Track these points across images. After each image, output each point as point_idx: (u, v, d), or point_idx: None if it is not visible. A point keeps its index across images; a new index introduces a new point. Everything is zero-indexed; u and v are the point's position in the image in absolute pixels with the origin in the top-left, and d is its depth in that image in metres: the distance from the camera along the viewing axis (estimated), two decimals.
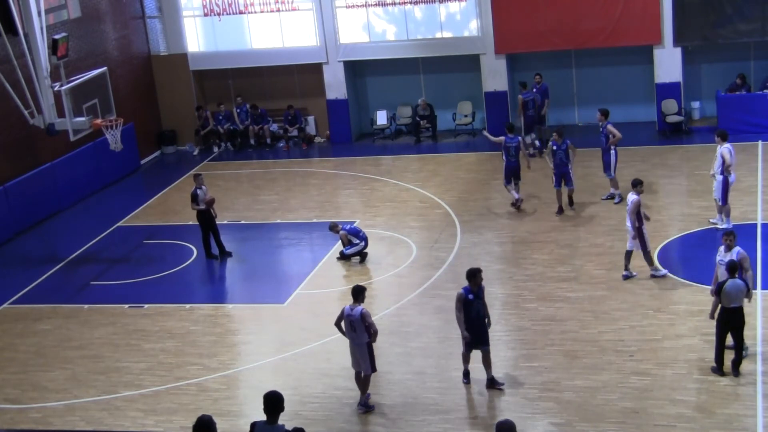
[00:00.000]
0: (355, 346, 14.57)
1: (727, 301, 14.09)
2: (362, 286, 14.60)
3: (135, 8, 29.55)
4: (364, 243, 20.28)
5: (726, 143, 19.90)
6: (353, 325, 14.38)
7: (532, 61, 28.64)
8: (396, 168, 26.58)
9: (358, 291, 14.49)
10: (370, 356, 14.55)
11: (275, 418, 9.60)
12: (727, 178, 19.75)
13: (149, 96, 30.17)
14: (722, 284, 14.12)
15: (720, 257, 15.12)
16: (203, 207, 20.89)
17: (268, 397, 9.62)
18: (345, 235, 20.27)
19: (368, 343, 14.50)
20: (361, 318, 14.29)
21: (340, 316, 14.52)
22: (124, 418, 15.13)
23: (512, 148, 22.18)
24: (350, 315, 14.38)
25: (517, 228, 21.34)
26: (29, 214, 24.39)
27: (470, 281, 14.60)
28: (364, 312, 14.33)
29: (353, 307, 14.39)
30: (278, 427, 9.58)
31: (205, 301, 19.54)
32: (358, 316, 14.29)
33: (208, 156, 29.51)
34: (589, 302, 17.34)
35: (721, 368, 14.44)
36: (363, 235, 20.39)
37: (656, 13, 26.51)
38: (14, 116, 22.79)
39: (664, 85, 27.05)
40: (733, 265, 14.26)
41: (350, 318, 14.38)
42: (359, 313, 14.30)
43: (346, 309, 14.46)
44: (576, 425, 13.72)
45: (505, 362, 15.78)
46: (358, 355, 14.57)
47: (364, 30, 28.71)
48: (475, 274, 14.59)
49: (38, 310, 19.58)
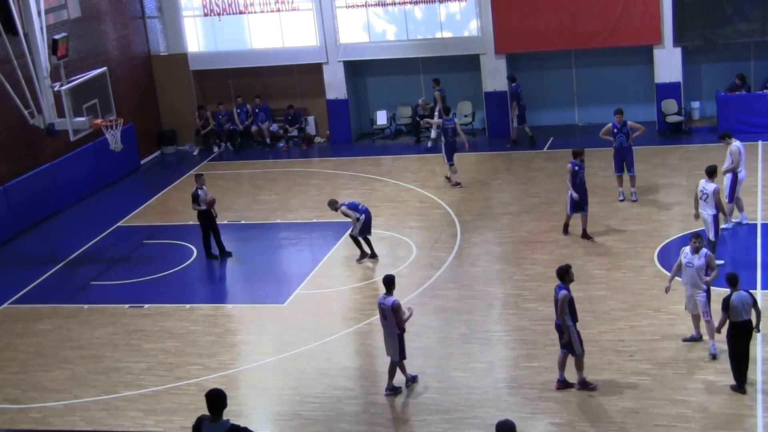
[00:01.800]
0: (387, 334, 14.92)
1: (735, 315, 13.77)
2: (392, 276, 14.91)
3: (135, 8, 29.55)
4: (364, 215, 20.16)
5: (735, 141, 19.84)
6: (385, 313, 14.75)
7: (532, 61, 28.65)
8: (396, 168, 26.58)
9: (389, 281, 14.80)
10: (400, 345, 14.84)
11: (219, 416, 9.79)
12: (737, 175, 19.69)
13: (149, 96, 30.18)
14: (728, 299, 13.75)
15: (687, 259, 15.09)
16: (204, 207, 20.89)
17: (210, 395, 9.81)
18: (345, 210, 20.16)
19: (399, 334, 14.76)
20: (392, 309, 14.59)
21: None
22: (124, 418, 15.13)
23: (449, 129, 24.25)
24: (383, 304, 14.75)
25: (517, 228, 21.34)
26: (29, 214, 24.40)
27: (563, 278, 14.44)
28: (395, 304, 14.64)
29: (386, 296, 14.75)
30: (223, 423, 9.75)
31: (205, 301, 19.54)
32: (389, 306, 14.64)
33: (208, 156, 29.51)
34: (589, 302, 17.33)
35: (743, 385, 14.02)
36: (363, 208, 20.24)
37: (656, 13, 26.52)
38: (14, 116, 22.80)
39: (664, 85, 27.06)
40: (733, 277, 13.98)
41: (382, 307, 14.75)
42: (391, 303, 14.64)
43: (379, 298, 14.88)
44: (576, 425, 13.73)
45: (505, 362, 15.79)
46: (388, 342, 14.94)
47: (364, 30, 28.71)
48: (567, 270, 14.44)
49: (38, 310, 19.58)
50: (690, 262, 15.07)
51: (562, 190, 23.18)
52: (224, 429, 9.69)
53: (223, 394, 9.82)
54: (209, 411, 9.78)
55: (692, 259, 15.05)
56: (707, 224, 18.09)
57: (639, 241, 19.85)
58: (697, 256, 15.01)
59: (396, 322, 14.67)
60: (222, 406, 9.78)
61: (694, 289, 15.12)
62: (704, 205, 18.03)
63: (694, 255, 15.05)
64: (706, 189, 17.97)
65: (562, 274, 14.35)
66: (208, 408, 9.78)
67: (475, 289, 18.54)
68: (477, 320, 17.21)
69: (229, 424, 9.73)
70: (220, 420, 9.76)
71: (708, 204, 17.93)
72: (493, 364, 15.69)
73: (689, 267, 15.07)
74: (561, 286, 14.34)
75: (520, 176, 24.89)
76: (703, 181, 18.15)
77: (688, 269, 15.09)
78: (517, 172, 25.28)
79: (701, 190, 18.07)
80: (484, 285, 18.70)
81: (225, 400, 9.80)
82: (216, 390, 9.86)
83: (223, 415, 9.79)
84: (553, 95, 28.87)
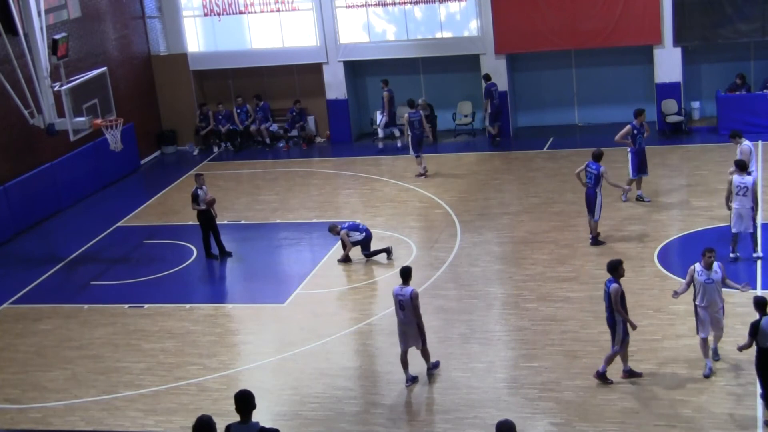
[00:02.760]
0: (405, 325, 14.97)
1: (764, 340, 13.14)
2: (410, 267, 15.11)
3: (135, 8, 29.55)
4: (365, 234, 20.29)
5: (745, 140, 19.82)
6: (402, 304, 14.84)
7: (532, 61, 28.66)
8: (396, 168, 26.58)
9: (406, 272, 14.96)
10: (420, 333, 14.99)
11: (248, 417, 9.69)
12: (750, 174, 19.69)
13: (149, 96, 30.18)
14: (757, 324, 13.14)
15: (703, 277, 14.34)
16: (204, 207, 20.89)
17: (238, 397, 9.72)
18: (345, 234, 20.27)
19: (418, 323, 14.92)
20: (411, 298, 14.72)
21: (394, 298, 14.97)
22: (124, 418, 15.13)
23: (415, 121, 25.26)
24: (400, 295, 14.85)
25: (517, 228, 21.34)
26: (29, 214, 24.39)
27: (614, 272, 14.33)
28: (414, 293, 14.80)
29: (403, 287, 14.87)
30: (252, 425, 9.65)
31: (205, 301, 19.54)
32: (408, 297, 14.76)
33: (208, 156, 29.52)
34: (589, 302, 17.33)
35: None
36: (363, 227, 20.43)
37: (656, 13, 26.51)
38: (14, 116, 22.80)
39: (664, 85, 27.05)
40: (762, 301, 13.30)
41: (400, 298, 14.84)
42: (409, 293, 14.78)
43: (396, 289, 14.94)
44: (576, 425, 13.73)
45: (505, 362, 15.79)
46: (409, 333, 14.99)
47: (364, 30, 28.71)
48: (618, 264, 14.35)
49: (38, 310, 19.59)
50: (709, 279, 14.31)
51: (562, 190, 23.25)
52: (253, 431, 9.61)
53: (251, 394, 9.68)
54: (238, 412, 9.65)
55: (709, 275, 14.33)
56: (745, 218, 17.99)
57: (639, 241, 19.84)
58: (713, 271, 14.33)
59: (414, 312, 14.80)
60: (251, 407, 9.65)
61: (715, 307, 14.39)
62: (744, 200, 17.92)
63: (710, 270, 14.34)
64: (744, 182, 17.92)
65: (614, 267, 14.30)
66: (237, 409, 9.64)
67: (475, 289, 18.54)
68: (477, 320, 17.21)
69: (259, 426, 9.61)
70: (249, 422, 9.64)
71: (747, 197, 17.91)
72: (493, 364, 15.69)
73: (708, 284, 14.30)
74: (612, 280, 14.30)
75: (520, 176, 24.89)
76: (737, 176, 18.06)
77: (708, 286, 14.31)
78: (517, 172, 25.29)
79: (738, 184, 17.94)
80: (484, 285, 18.70)
81: (253, 401, 9.67)
82: (244, 391, 9.72)
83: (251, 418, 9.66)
84: (553, 95, 28.87)
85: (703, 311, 14.46)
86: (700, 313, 14.51)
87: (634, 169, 21.67)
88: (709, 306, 14.40)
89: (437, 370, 15.40)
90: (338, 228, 20.46)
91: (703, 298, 14.41)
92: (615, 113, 28.37)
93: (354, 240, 20.27)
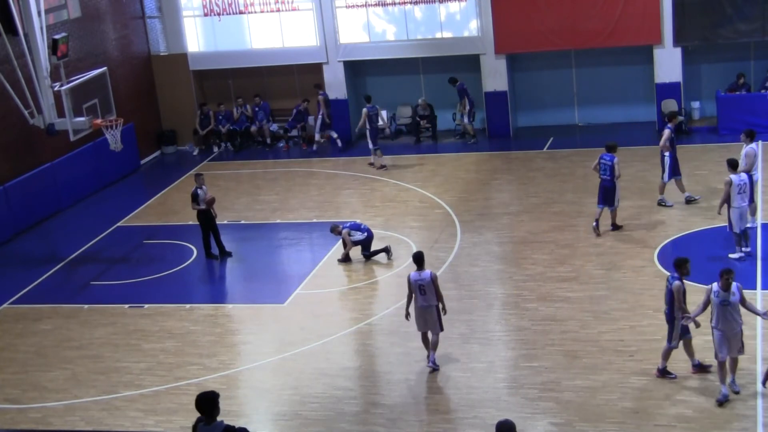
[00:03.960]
0: (425, 310, 15.29)
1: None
2: (422, 251, 15.57)
3: (135, 8, 29.55)
4: (366, 234, 20.32)
5: (752, 142, 19.85)
6: (423, 288, 15.17)
7: (532, 61, 28.66)
8: (396, 168, 26.58)
9: (420, 257, 15.38)
10: (439, 318, 15.36)
11: (212, 419, 9.72)
12: (751, 177, 19.67)
13: (149, 96, 30.18)
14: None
15: (720, 298, 13.66)
16: (203, 207, 20.89)
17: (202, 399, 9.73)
18: (347, 233, 20.27)
19: (437, 306, 15.26)
20: (432, 281, 15.09)
21: (408, 284, 15.25)
22: (124, 418, 15.13)
23: (373, 116, 26.41)
24: (420, 280, 15.18)
25: (517, 228, 21.34)
26: (29, 214, 24.39)
27: (679, 269, 14.15)
28: (433, 275, 15.21)
29: (420, 272, 15.21)
30: (217, 425, 9.70)
31: (205, 301, 19.54)
32: (429, 279, 15.13)
33: (208, 156, 29.51)
34: (589, 302, 17.34)
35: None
36: (364, 227, 20.45)
37: (656, 13, 26.51)
38: (14, 116, 22.80)
39: (664, 85, 27.05)
40: None
41: (420, 283, 15.17)
42: (429, 276, 15.17)
43: (412, 275, 15.23)
44: (576, 425, 13.72)
45: (505, 362, 15.79)
46: (428, 317, 15.32)
47: (364, 30, 28.71)
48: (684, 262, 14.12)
49: (38, 310, 19.58)
50: (725, 300, 13.62)
51: (562, 190, 23.26)
52: (219, 430, 9.64)
53: (213, 397, 9.67)
54: (201, 413, 9.69)
55: (726, 296, 13.62)
56: (744, 215, 18.24)
57: (639, 241, 19.84)
58: (731, 293, 13.64)
59: (436, 294, 15.16)
60: (215, 411, 9.65)
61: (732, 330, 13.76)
62: (744, 197, 18.17)
63: (727, 292, 13.65)
64: (743, 180, 18.16)
65: (679, 265, 14.23)
66: (200, 411, 9.67)
67: (475, 289, 18.54)
68: (477, 320, 17.21)
69: (224, 425, 9.67)
70: (214, 422, 9.68)
71: (746, 194, 18.18)
72: (493, 364, 15.69)
73: (724, 305, 13.63)
74: (675, 277, 14.25)
75: (520, 176, 24.89)
76: (734, 176, 18.21)
77: (723, 308, 13.65)
78: (517, 172, 25.29)
79: (738, 183, 18.09)
80: (484, 285, 18.70)
81: (217, 405, 9.66)
82: (205, 393, 9.73)
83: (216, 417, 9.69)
84: (553, 95, 28.86)
85: (719, 333, 13.82)
86: (716, 335, 13.87)
87: (670, 172, 21.41)
88: (726, 329, 13.75)
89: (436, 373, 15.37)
90: (340, 228, 20.46)
91: (719, 321, 13.76)
92: (615, 113, 28.41)
93: (355, 239, 20.26)
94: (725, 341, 13.79)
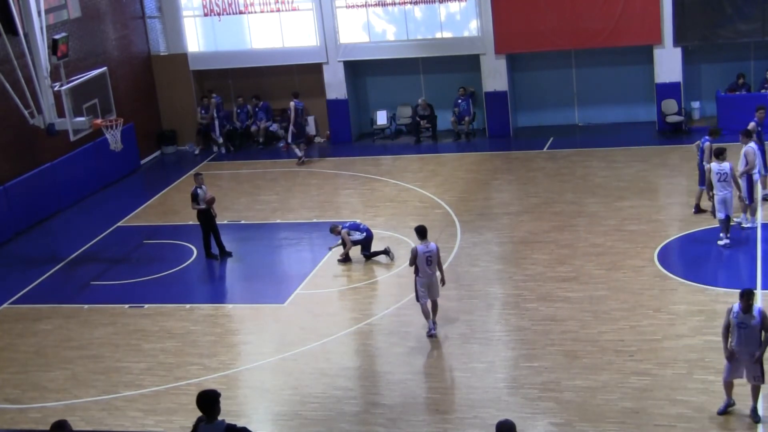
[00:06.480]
0: (431, 278, 16.35)
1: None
2: (424, 225, 16.48)
3: (135, 8, 29.55)
4: (366, 234, 20.33)
5: (751, 141, 19.84)
6: (430, 259, 16.24)
7: (532, 61, 28.67)
8: (396, 168, 26.59)
9: (423, 230, 16.31)
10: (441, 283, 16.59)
11: (214, 417, 9.67)
12: (751, 177, 19.67)
13: (149, 96, 30.18)
14: None
15: (739, 320, 13.12)
16: (203, 206, 20.89)
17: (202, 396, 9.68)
18: (346, 233, 20.28)
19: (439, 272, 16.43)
20: (437, 251, 16.32)
21: (413, 257, 16.25)
22: (124, 418, 15.13)
23: (300, 110, 27.71)
24: (427, 251, 16.23)
25: (517, 228, 21.34)
26: (29, 214, 24.39)
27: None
28: (437, 246, 16.45)
29: (426, 244, 16.24)
30: (219, 424, 9.66)
31: (205, 301, 19.54)
32: (435, 250, 16.28)
33: (208, 156, 29.52)
34: (589, 302, 17.34)
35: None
36: (364, 227, 20.47)
37: (656, 13, 26.52)
38: (14, 116, 22.77)
39: (664, 85, 27.06)
40: None
41: (427, 254, 16.22)
42: (435, 247, 16.33)
43: (419, 248, 16.23)
44: (576, 425, 13.72)
45: (505, 362, 15.79)
46: (434, 287, 16.44)
47: (364, 30, 28.71)
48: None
49: (38, 310, 19.58)
50: (743, 323, 13.10)
51: (562, 190, 23.25)
52: (220, 429, 9.65)
53: (214, 396, 9.64)
54: (202, 412, 9.66)
55: (745, 319, 13.09)
56: (728, 203, 18.58)
57: (639, 241, 19.84)
58: (750, 315, 13.09)
59: (438, 264, 16.31)
60: (216, 410, 9.63)
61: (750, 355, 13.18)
62: (726, 186, 18.56)
63: (747, 314, 13.11)
64: (723, 169, 18.56)
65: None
66: (201, 409, 9.64)
67: (475, 289, 18.54)
68: (477, 320, 17.21)
69: (225, 424, 9.67)
70: (215, 421, 9.68)
71: (728, 182, 18.53)
72: (493, 364, 15.69)
73: (742, 328, 13.11)
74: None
75: (520, 176, 24.89)
76: (715, 164, 18.62)
77: (741, 330, 13.12)
78: (517, 172, 25.29)
79: (717, 172, 18.55)
80: (484, 285, 18.70)
81: (218, 403, 9.64)
82: (206, 392, 9.72)
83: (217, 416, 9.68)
84: (553, 95, 28.87)
85: (738, 353, 13.27)
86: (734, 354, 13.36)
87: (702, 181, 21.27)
88: (742, 351, 13.22)
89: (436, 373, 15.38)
90: (339, 228, 20.47)
91: (738, 342, 13.22)
92: (615, 113, 28.42)
93: (355, 239, 20.27)
94: (742, 364, 13.28)
